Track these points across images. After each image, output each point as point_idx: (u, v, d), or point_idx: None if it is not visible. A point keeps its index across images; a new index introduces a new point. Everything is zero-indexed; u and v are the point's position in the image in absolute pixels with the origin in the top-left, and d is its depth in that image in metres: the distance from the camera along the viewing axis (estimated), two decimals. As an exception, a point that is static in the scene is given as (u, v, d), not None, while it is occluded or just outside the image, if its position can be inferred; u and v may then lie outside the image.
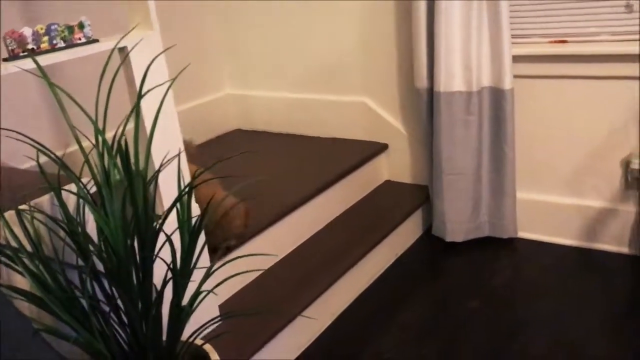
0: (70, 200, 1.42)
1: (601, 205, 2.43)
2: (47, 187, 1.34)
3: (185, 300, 1.34)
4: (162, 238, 1.28)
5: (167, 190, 1.61)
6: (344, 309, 2.30)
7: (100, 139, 1.22)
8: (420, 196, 2.73)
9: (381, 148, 2.85)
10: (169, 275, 1.29)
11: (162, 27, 1.64)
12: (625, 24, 2.19)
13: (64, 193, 1.34)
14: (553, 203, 2.54)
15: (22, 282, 1.34)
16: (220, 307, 2.01)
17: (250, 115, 3.26)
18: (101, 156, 1.21)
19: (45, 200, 1.45)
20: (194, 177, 1.35)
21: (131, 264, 1.22)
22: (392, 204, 2.71)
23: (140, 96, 1.31)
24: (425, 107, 2.54)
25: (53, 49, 1.46)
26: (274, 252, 2.26)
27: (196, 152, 2.06)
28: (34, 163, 1.32)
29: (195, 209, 1.69)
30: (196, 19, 3.07)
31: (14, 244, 1.27)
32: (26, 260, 1.24)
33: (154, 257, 1.27)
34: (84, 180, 1.29)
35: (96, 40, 1.55)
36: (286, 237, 2.35)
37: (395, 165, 2.86)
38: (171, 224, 1.36)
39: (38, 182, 1.40)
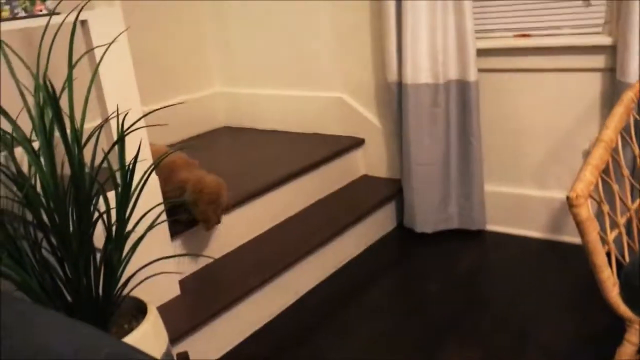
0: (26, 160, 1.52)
1: (564, 197, 2.46)
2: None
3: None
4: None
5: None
6: (310, 288, 2.37)
7: (40, 94, 1.31)
8: (393, 189, 2.79)
9: (357, 143, 2.92)
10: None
11: (153, 22, 1.73)
12: (584, 17, 2.25)
13: (21, 153, 1.44)
14: (520, 195, 2.58)
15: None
16: (181, 282, 2.09)
17: (237, 112, 3.36)
18: (38, 106, 1.30)
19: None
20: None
21: (65, 208, 1.30)
22: (365, 195, 2.77)
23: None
24: (396, 100, 2.62)
25: (13, 17, 1.57)
26: (245, 230, 2.35)
27: (187, 158, 2.17)
28: None
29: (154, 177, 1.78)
30: (191, 17, 3.20)
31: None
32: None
33: (91, 205, 1.35)
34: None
35: (57, 13, 1.65)
36: (258, 218, 2.43)
37: (372, 160, 2.93)
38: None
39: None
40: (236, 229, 2.33)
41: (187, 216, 2.03)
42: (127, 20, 1.75)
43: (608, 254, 1.48)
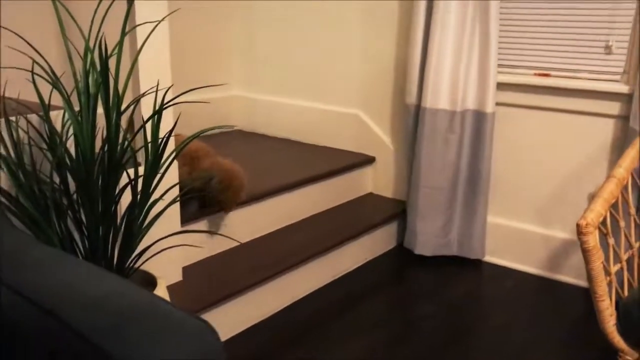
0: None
1: (565, 236, 2.52)
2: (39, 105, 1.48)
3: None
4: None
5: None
6: (305, 295, 2.39)
7: (89, 56, 1.37)
8: (397, 209, 2.83)
9: (368, 160, 2.98)
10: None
11: (183, 19, 1.80)
12: (604, 64, 2.33)
13: (56, 114, 1.49)
14: (522, 229, 2.63)
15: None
16: (184, 269, 2.12)
17: (252, 117, 3.42)
18: (85, 70, 1.35)
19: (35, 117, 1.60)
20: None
21: (95, 172, 1.35)
22: (369, 212, 2.82)
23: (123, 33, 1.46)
24: (412, 122, 2.68)
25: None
26: (250, 230, 2.39)
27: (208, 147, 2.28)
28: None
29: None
30: (220, 18, 3.27)
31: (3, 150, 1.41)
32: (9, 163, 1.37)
33: (120, 169, 1.40)
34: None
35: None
36: (263, 219, 2.46)
37: (380, 179, 2.98)
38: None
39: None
40: (242, 227, 2.36)
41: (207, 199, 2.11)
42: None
43: (609, 286, 1.53)
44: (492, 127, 2.51)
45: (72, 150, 1.44)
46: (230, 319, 2.08)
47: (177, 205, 1.88)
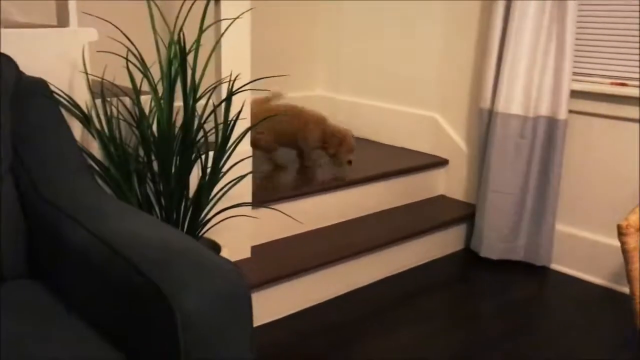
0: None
1: None
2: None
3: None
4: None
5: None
6: (365, 284, 2.51)
7: (172, 47, 1.57)
8: (467, 212, 2.89)
9: (441, 162, 3.05)
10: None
11: (274, 18, 1.97)
12: (683, 75, 2.28)
13: (145, 98, 1.72)
14: (590, 239, 2.60)
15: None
16: (253, 248, 2.31)
17: (333, 116, 3.57)
18: (168, 60, 1.56)
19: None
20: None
21: (172, 148, 1.55)
22: (438, 212, 2.89)
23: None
24: (485, 127, 2.73)
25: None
26: (319, 218, 2.57)
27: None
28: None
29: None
30: (307, 19, 3.47)
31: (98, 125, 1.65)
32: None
33: (195, 148, 1.59)
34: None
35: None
36: (334, 209, 2.62)
37: (452, 181, 3.05)
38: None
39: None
40: (313, 214, 2.52)
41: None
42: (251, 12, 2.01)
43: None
44: (564, 134, 2.51)
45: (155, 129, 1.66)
46: (288, 298, 2.24)
47: (248, 183, 2.06)
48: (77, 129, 1.66)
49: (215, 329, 0.98)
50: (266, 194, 2.35)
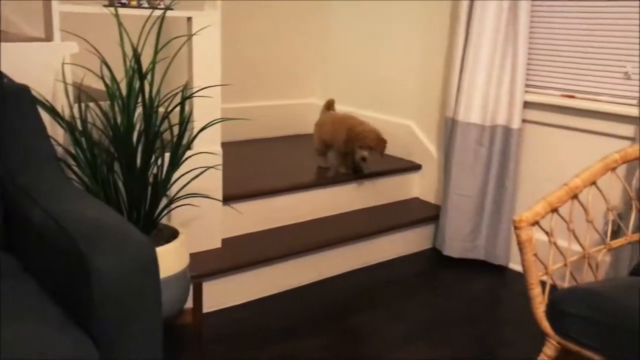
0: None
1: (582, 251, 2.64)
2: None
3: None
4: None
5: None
6: (333, 274, 2.75)
7: (133, 61, 1.85)
8: (435, 213, 3.09)
9: (415, 167, 3.27)
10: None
11: (270, 29, 2.23)
12: (622, 88, 2.46)
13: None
14: (544, 242, 2.77)
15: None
16: (223, 240, 2.56)
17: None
18: (127, 72, 1.84)
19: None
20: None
21: (131, 139, 1.83)
22: (410, 212, 3.11)
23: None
24: (449, 134, 2.94)
25: (138, 6, 2.14)
26: (295, 214, 2.81)
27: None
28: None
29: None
30: (300, 30, 3.73)
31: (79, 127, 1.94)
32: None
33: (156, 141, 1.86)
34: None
35: (171, 9, 2.21)
36: (306, 208, 2.86)
37: (425, 185, 3.26)
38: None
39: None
40: (288, 211, 2.77)
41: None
42: (246, 24, 2.27)
43: (547, 278, 1.74)
44: (517, 142, 2.71)
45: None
46: (254, 284, 2.49)
47: (217, 179, 2.33)
48: (59, 131, 1.94)
49: (125, 286, 1.24)
50: (239, 191, 2.60)
